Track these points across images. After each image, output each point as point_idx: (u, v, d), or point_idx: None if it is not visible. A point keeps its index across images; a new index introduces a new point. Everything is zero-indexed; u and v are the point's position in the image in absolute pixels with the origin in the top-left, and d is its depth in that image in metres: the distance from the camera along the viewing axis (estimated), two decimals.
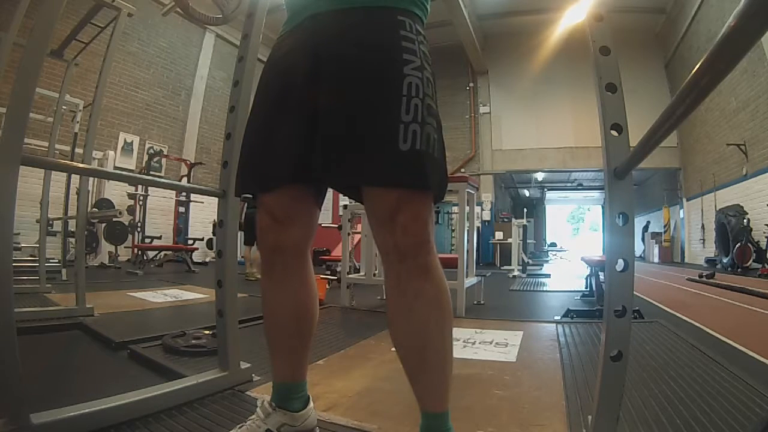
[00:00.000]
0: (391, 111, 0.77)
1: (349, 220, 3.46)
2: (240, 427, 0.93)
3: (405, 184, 0.77)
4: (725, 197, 8.16)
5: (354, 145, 0.78)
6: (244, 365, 1.39)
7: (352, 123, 0.78)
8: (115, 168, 6.72)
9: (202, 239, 8.11)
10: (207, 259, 8.40)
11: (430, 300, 0.80)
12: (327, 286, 3.57)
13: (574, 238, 27.77)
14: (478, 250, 9.15)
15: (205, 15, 1.23)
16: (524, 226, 7.79)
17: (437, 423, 0.82)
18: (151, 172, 7.89)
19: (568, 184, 16.41)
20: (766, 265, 6.29)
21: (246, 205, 4.87)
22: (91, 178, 4.30)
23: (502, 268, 8.77)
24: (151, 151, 8.41)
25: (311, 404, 0.99)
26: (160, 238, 7.41)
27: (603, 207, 16.18)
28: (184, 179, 8.07)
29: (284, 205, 0.89)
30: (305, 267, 0.96)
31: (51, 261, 4.40)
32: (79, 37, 2.85)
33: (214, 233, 6.74)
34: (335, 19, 0.83)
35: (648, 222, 13.39)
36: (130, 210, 6.90)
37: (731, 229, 7.07)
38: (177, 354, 1.67)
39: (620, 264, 0.83)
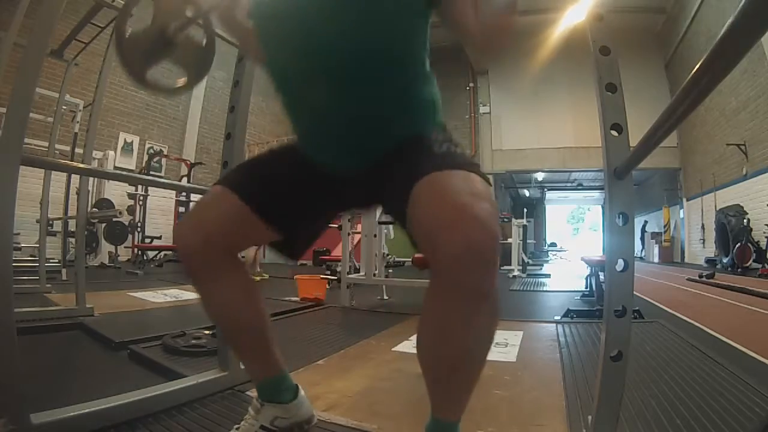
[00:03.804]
0: (425, 147, 0.79)
1: (349, 220, 3.46)
2: (237, 428, 0.93)
3: (458, 167, 0.72)
4: (725, 197, 8.16)
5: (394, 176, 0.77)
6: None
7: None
8: (115, 168, 6.72)
9: None
10: None
11: (486, 329, 0.71)
12: (327, 286, 3.57)
13: (574, 238, 27.76)
14: None
15: (166, 85, 1.11)
16: (524, 226, 7.79)
17: (449, 430, 0.78)
18: (151, 172, 7.88)
19: (568, 184, 16.40)
20: (766, 265, 6.29)
21: None
22: (91, 178, 4.30)
23: (502, 268, 8.77)
24: (151, 151, 8.41)
25: (302, 392, 0.98)
26: (160, 238, 7.40)
27: (603, 207, 16.17)
28: (184, 179, 8.07)
29: (231, 229, 0.85)
30: (230, 262, 0.89)
31: (51, 261, 4.39)
32: (79, 37, 2.85)
33: None
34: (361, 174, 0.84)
35: (645, 222, 13.39)
36: (130, 210, 6.89)
37: (731, 229, 7.07)
38: (177, 354, 1.67)
39: (620, 264, 0.83)
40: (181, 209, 8.12)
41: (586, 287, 4.05)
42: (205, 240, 0.83)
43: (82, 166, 1.74)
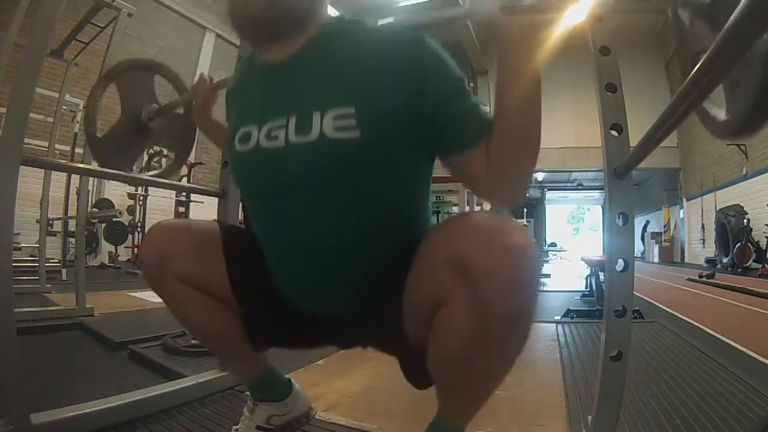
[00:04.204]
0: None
1: None
2: (236, 429, 0.93)
3: None
4: (725, 197, 8.16)
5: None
6: None
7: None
8: None
9: None
10: None
11: (526, 333, 0.65)
12: None
13: (574, 238, 27.75)
14: None
15: (146, 178, 1.09)
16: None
17: None
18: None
19: (568, 184, 16.40)
20: (766, 265, 6.28)
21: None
22: (91, 178, 4.30)
23: None
24: (151, 151, 8.40)
25: (296, 387, 0.96)
26: None
27: (603, 207, 16.17)
28: (184, 179, 8.06)
29: (203, 275, 0.80)
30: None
31: (51, 261, 4.40)
32: (79, 37, 2.85)
33: None
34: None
35: (647, 222, 13.40)
36: (130, 210, 6.89)
37: (731, 229, 7.06)
38: (177, 354, 1.67)
39: (620, 264, 0.83)
40: (181, 209, 8.12)
41: (586, 287, 4.05)
42: (162, 255, 0.78)
43: (82, 166, 1.73)
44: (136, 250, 6.58)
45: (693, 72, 0.44)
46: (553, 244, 17.66)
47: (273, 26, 0.69)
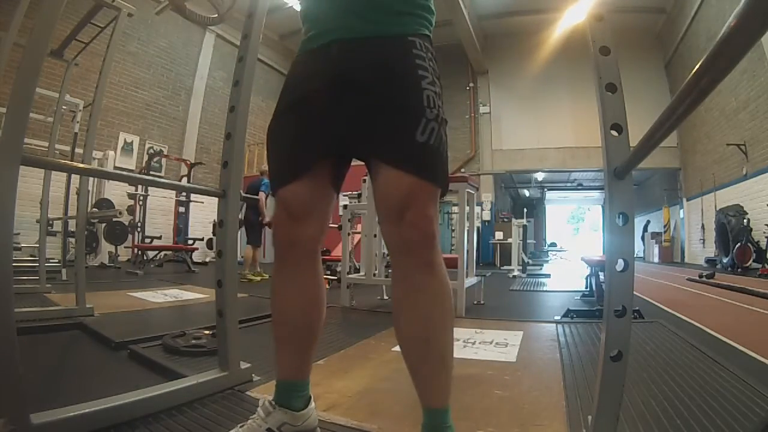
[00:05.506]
0: (415, 113, 0.85)
1: (349, 220, 3.46)
2: (241, 427, 0.93)
3: (416, 173, 0.82)
4: (725, 197, 8.16)
5: (379, 131, 0.86)
6: (244, 365, 1.39)
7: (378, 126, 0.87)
8: (115, 168, 6.73)
9: (202, 239, 8.11)
10: (207, 259, 8.40)
11: (434, 294, 0.84)
12: (327, 286, 3.56)
13: (575, 238, 27.75)
14: (478, 250, 9.14)
15: (201, 15, 1.21)
16: (524, 226, 7.79)
17: (439, 419, 0.83)
18: (151, 172, 7.89)
19: (568, 184, 16.40)
20: (766, 265, 6.29)
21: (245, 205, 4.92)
22: (91, 178, 4.30)
23: (502, 268, 8.77)
24: (151, 151, 8.42)
25: (312, 404, 0.99)
26: (160, 238, 7.40)
27: (603, 207, 16.15)
28: (184, 179, 8.07)
29: (301, 198, 0.92)
30: (316, 263, 0.99)
31: (51, 261, 4.40)
32: (79, 37, 2.85)
33: (214, 233, 6.72)
34: (357, 48, 0.88)
35: (648, 221, 13.41)
36: (130, 210, 6.90)
37: (731, 229, 7.07)
38: (177, 354, 1.67)
39: (620, 264, 0.83)
40: (181, 209, 8.13)
41: (586, 287, 4.05)
42: (293, 244, 0.93)
43: (82, 166, 1.74)
44: (136, 250, 6.58)
45: (693, 72, 0.44)
46: (553, 244, 17.67)
47: None
